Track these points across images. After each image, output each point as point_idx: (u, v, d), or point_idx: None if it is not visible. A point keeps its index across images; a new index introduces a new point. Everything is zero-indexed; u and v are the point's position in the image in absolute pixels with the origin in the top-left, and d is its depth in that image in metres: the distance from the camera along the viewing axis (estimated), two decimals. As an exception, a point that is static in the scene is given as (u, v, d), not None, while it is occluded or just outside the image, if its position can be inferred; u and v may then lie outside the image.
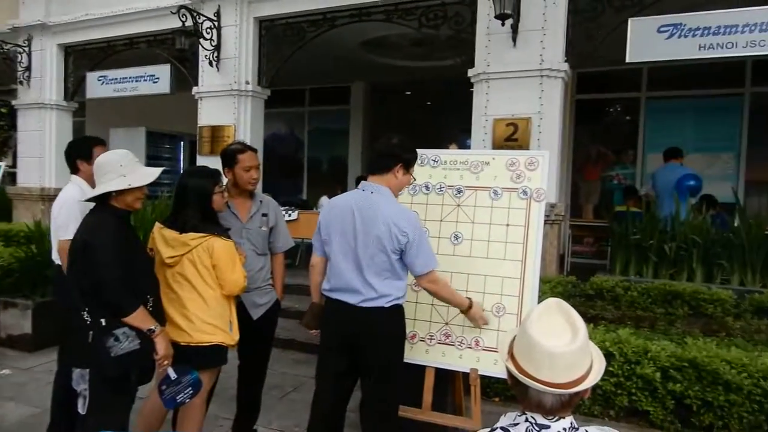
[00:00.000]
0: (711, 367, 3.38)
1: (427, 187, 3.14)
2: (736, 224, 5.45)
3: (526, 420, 1.26)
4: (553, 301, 1.36)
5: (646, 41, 4.96)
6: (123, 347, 2.31)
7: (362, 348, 2.55)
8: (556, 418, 1.25)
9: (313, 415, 2.71)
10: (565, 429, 1.24)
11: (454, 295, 2.71)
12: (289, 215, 6.99)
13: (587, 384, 1.28)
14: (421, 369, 2.93)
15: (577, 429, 1.26)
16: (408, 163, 2.61)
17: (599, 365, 1.33)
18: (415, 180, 2.90)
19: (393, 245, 2.45)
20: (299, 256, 7.80)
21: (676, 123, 8.52)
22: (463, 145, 7.44)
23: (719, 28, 4.71)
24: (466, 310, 2.75)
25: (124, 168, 2.43)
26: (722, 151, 8.28)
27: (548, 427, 1.24)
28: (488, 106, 5.55)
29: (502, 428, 1.26)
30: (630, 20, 5.04)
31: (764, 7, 4.71)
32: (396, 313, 2.56)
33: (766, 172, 8.11)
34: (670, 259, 5.34)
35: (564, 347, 1.26)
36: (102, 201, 2.45)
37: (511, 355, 1.32)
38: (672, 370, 3.48)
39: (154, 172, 2.53)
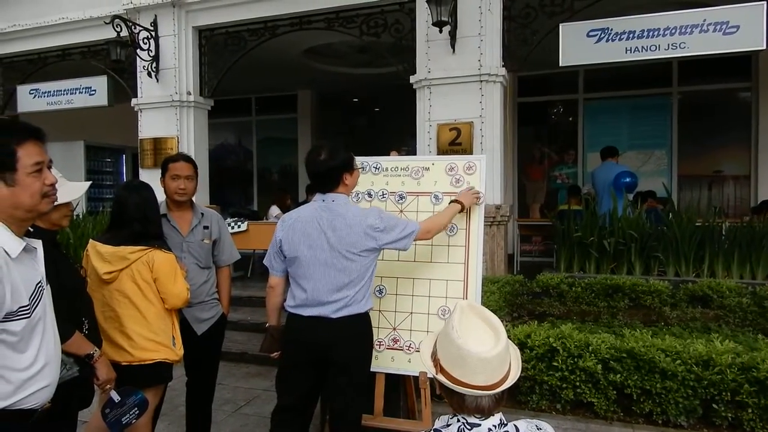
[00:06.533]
0: (648, 357, 3.51)
1: (369, 194, 3.17)
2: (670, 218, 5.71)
3: (458, 420, 1.29)
4: (465, 305, 1.39)
5: (577, 45, 5.16)
6: (61, 376, 2.18)
7: (338, 358, 2.47)
8: (486, 416, 1.29)
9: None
10: (494, 426, 1.27)
11: (446, 216, 2.78)
12: (238, 227, 6.88)
13: (514, 374, 1.33)
14: (371, 375, 2.95)
15: (506, 424, 1.29)
16: (348, 166, 2.55)
17: (515, 351, 1.39)
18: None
19: (370, 243, 2.45)
20: (251, 267, 7.68)
21: (613, 123, 8.88)
22: (413, 150, 7.51)
23: (643, 32, 4.96)
24: (462, 209, 2.85)
25: None
26: (655, 148, 8.68)
27: (479, 425, 1.27)
28: (431, 112, 5.64)
29: (435, 430, 1.29)
30: (561, 25, 5.23)
31: (684, 11, 4.99)
32: (368, 316, 2.59)
33: (696, 166, 8.57)
34: (610, 254, 5.53)
35: (493, 350, 1.29)
36: None
37: (441, 368, 1.32)
38: (612, 362, 3.59)
39: (81, 187, 2.36)
